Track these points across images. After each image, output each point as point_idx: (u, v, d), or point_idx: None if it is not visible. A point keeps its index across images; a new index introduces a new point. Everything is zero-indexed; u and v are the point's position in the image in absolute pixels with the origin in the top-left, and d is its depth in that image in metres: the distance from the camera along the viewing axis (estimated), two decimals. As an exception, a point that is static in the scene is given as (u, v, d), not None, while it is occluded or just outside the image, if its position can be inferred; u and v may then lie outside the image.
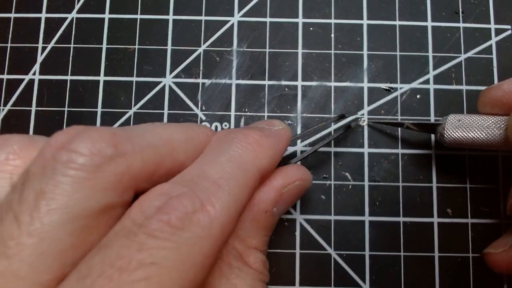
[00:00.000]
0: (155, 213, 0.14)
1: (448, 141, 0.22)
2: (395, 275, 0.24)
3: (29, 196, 0.13)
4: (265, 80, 0.27)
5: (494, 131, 0.21)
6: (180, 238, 0.13)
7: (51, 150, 0.14)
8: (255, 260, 0.18)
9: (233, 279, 0.17)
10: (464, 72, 0.26)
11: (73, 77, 0.27)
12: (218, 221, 0.14)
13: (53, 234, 0.13)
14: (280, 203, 0.19)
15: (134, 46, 0.27)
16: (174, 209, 0.14)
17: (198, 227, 0.14)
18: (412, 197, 0.25)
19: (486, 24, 0.27)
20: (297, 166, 0.21)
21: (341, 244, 0.25)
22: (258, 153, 0.18)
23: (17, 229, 0.13)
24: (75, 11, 0.27)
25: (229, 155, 0.17)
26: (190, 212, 0.14)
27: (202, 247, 0.14)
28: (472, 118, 0.22)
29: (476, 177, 0.25)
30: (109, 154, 0.14)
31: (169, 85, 0.27)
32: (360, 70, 0.27)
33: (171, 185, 0.15)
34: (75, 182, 0.13)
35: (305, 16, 0.27)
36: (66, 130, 0.15)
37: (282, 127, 0.20)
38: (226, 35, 0.27)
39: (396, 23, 0.27)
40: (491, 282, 0.24)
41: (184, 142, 0.17)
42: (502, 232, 0.25)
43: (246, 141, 0.18)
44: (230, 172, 0.16)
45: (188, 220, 0.14)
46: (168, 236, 0.13)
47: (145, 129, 0.17)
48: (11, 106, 0.26)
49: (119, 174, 0.14)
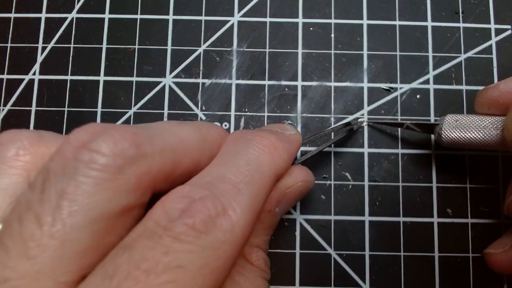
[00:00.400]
0: (180, 216, 0.13)
1: (446, 141, 0.22)
2: (395, 275, 0.24)
3: (51, 196, 0.13)
4: (265, 80, 0.27)
5: (491, 131, 0.21)
6: (204, 242, 0.13)
7: (71, 148, 0.14)
8: (257, 258, 0.19)
9: (236, 277, 0.18)
10: (464, 72, 0.26)
11: (73, 77, 0.27)
12: (239, 225, 0.14)
13: (74, 236, 0.13)
14: (283, 203, 0.20)
15: (134, 46, 0.27)
16: (198, 212, 0.14)
17: (220, 231, 0.14)
18: (412, 197, 0.25)
19: (486, 24, 0.27)
20: (300, 167, 0.21)
21: (341, 244, 0.25)
22: (274, 156, 0.18)
23: (39, 230, 0.12)
24: (75, 11, 0.27)
25: (247, 158, 0.17)
26: (213, 215, 0.14)
27: (224, 251, 0.14)
28: (470, 118, 0.22)
29: (476, 177, 0.25)
30: (131, 155, 0.14)
31: (169, 85, 0.27)
32: (360, 70, 0.27)
33: (191, 187, 0.15)
34: (97, 183, 0.13)
35: (305, 16, 0.27)
36: (85, 127, 0.15)
37: (294, 132, 0.20)
38: (226, 35, 0.27)
39: (396, 23, 0.27)
40: (491, 282, 0.24)
41: (200, 142, 0.17)
42: (502, 232, 0.25)
43: (263, 144, 0.18)
44: (249, 175, 0.16)
45: (212, 224, 0.14)
46: (193, 240, 0.13)
47: (163, 129, 0.16)
48: (11, 106, 0.26)
49: (140, 175, 0.14)
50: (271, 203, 0.19)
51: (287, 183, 0.19)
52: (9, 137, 0.15)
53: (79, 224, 0.13)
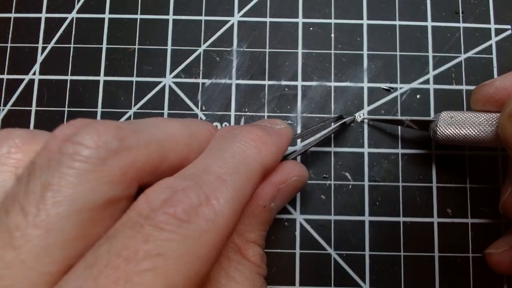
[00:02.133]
0: (161, 206, 0.14)
1: (441, 138, 0.22)
2: (395, 275, 0.24)
3: (35, 188, 0.13)
4: (265, 80, 0.27)
5: (486, 128, 0.21)
6: (186, 231, 0.13)
7: (56, 142, 0.14)
8: (254, 253, 0.19)
9: (232, 272, 0.18)
10: (464, 72, 0.26)
11: (73, 77, 0.27)
12: (222, 214, 0.15)
13: (59, 225, 0.13)
14: (278, 199, 0.20)
15: (134, 46, 0.27)
16: (180, 201, 0.14)
17: (203, 220, 0.14)
18: (412, 197, 0.25)
19: (486, 24, 0.27)
20: (293, 162, 0.21)
21: (341, 244, 0.25)
22: (261, 150, 0.18)
23: (24, 220, 0.13)
24: (75, 11, 0.27)
25: (232, 151, 0.17)
26: (196, 205, 0.14)
27: (206, 240, 0.14)
28: (465, 115, 0.22)
29: (476, 177, 0.25)
30: (115, 147, 0.14)
31: (169, 85, 0.27)
32: (360, 70, 0.27)
33: (176, 179, 0.15)
34: (81, 174, 0.13)
35: (305, 16, 0.27)
36: (71, 122, 0.15)
37: (284, 126, 0.21)
38: (226, 35, 0.27)
39: (396, 23, 0.27)
40: (491, 282, 0.24)
41: (187, 137, 0.17)
42: (502, 232, 0.25)
43: (249, 137, 0.18)
44: (234, 167, 0.16)
45: (194, 213, 0.14)
46: (174, 228, 0.13)
47: (150, 123, 0.17)
48: (11, 106, 0.26)
49: (124, 167, 0.14)
50: (266, 199, 0.19)
51: (281, 178, 0.20)
52: (2, 136, 0.16)
53: (63, 214, 0.13)
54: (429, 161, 0.26)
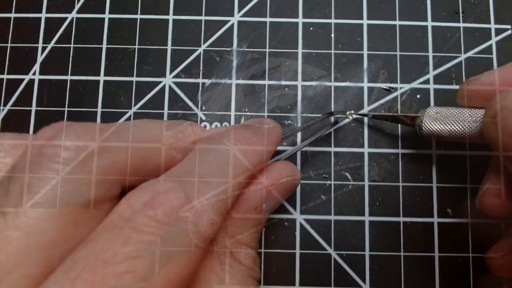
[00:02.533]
0: (142, 208, 0.14)
1: (426, 133, 0.22)
2: (395, 275, 0.24)
3: (15, 190, 0.13)
4: (265, 80, 0.27)
5: (470, 124, 0.21)
6: (166, 233, 0.13)
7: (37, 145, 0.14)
8: (245, 256, 0.19)
9: (223, 276, 0.18)
10: (464, 72, 0.26)
11: (73, 77, 0.27)
12: (204, 216, 0.15)
13: (39, 227, 0.13)
14: (269, 200, 0.20)
15: (134, 46, 0.27)
16: (161, 203, 0.14)
17: (184, 222, 0.14)
18: (412, 197, 0.25)
19: (486, 24, 0.27)
20: (284, 162, 0.21)
21: (341, 244, 0.25)
22: (247, 150, 0.18)
23: (3, 222, 0.13)
24: (75, 11, 0.27)
25: (217, 152, 0.17)
26: (177, 207, 0.14)
27: (188, 242, 0.14)
28: (450, 110, 0.22)
29: (476, 177, 0.25)
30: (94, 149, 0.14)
31: (169, 85, 0.27)
32: (360, 70, 0.27)
33: (158, 181, 0.15)
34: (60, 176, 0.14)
35: (305, 16, 0.27)
36: (52, 125, 0.15)
37: (273, 125, 0.21)
38: (226, 35, 0.27)
39: (396, 23, 0.27)
40: (491, 282, 0.24)
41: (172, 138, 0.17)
42: (502, 232, 0.25)
43: (235, 139, 0.18)
44: (218, 168, 0.16)
45: (175, 215, 0.14)
46: (154, 231, 0.13)
47: (134, 125, 0.17)
48: (11, 106, 0.26)
49: (105, 168, 0.15)
50: (256, 200, 0.19)
51: (271, 180, 0.19)
52: None
53: (44, 216, 0.13)
54: (429, 161, 0.26)
